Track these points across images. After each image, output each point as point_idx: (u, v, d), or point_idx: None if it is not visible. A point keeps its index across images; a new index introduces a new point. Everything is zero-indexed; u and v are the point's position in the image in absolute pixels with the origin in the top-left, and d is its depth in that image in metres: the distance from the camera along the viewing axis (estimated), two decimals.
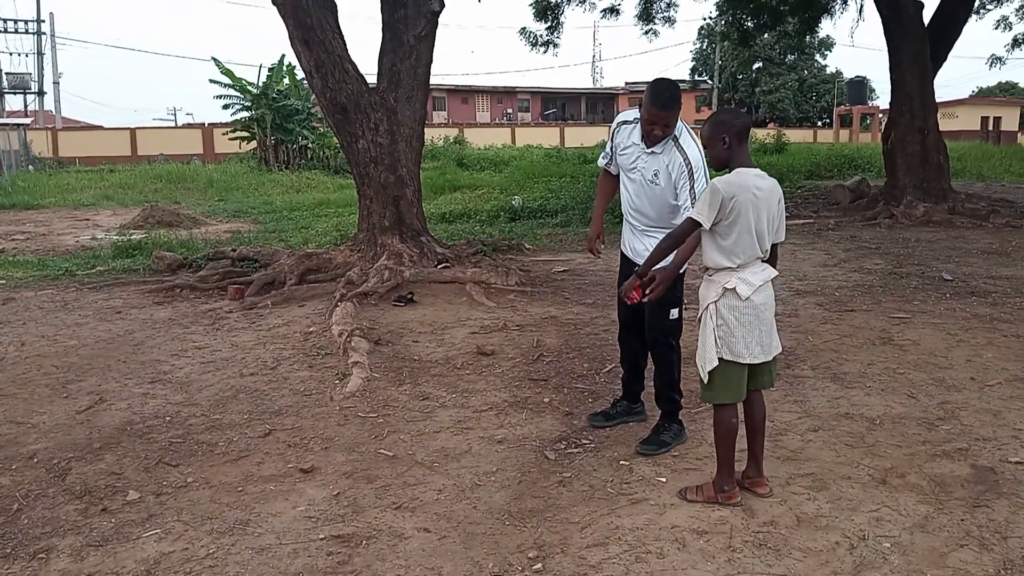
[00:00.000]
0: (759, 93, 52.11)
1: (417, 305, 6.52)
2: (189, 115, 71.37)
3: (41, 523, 3.00)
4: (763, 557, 2.66)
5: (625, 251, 3.78)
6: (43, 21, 39.72)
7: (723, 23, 18.65)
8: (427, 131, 9.93)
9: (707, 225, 2.89)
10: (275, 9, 7.37)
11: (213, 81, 25.50)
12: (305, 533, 2.89)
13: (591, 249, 3.96)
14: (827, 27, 24.01)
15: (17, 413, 4.18)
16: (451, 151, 27.21)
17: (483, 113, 52.26)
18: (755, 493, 3.08)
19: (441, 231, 10.51)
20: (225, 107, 26.13)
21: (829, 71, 54.07)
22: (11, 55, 52.63)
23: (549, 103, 55.12)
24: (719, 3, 17.22)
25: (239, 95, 25.64)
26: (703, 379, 3.02)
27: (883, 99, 43.81)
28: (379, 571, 2.64)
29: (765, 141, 27.11)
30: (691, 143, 3.44)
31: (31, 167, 26.52)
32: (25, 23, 39.73)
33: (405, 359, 5.08)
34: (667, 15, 16.53)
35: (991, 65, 19.40)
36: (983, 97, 48.59)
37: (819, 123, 51.82)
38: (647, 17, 16.43)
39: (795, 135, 37.41)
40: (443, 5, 7.84)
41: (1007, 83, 55.87)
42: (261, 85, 25.31)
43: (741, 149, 2.94)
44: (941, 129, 12.98)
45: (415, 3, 7.67)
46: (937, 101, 13.18)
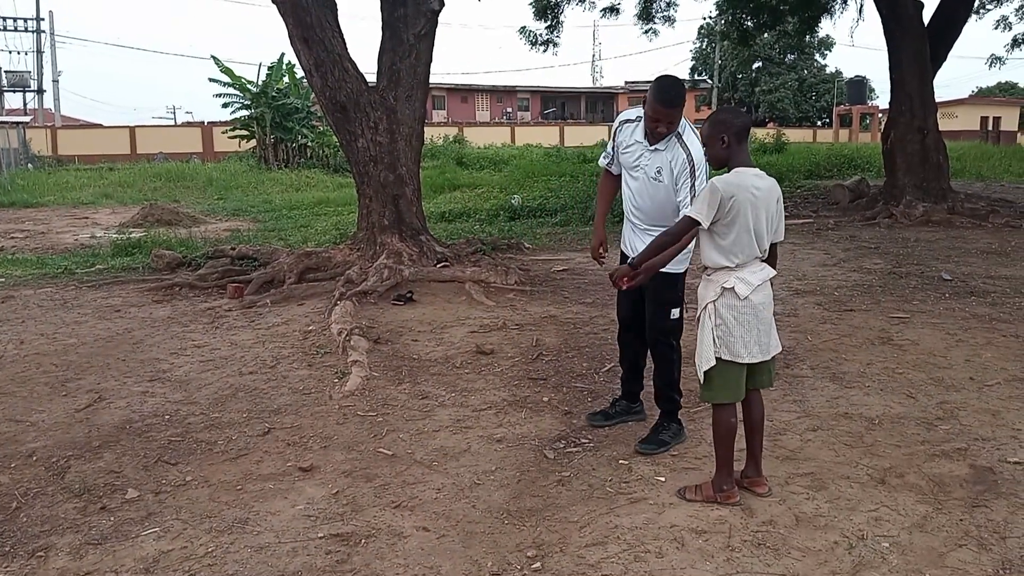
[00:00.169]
0: (759, 92, 52.13)
1: (416, 304, 6.52)
2: (188, 113, 71.35)
3: (40, 521, 3.00)
4: (762, 556, 2.66)
5: (625, 249, 3.78)
6: (42, 19, 39.75)
7: (723, 22, 18.64)
8: (427, 130, 9.93)
9: (706, 224, 2.89)
10: (275, 7, 7.36)
11: (212, 80, 25.52)
12: (304, 532, 2.89)
13: (595, 258, 3.95)
14: (827, 27, 24.07)
15: (16, 411, 4.18)
16: (451, 150, 27.19)
17: (483, 112, 52.26)
18: (754, 492, 3.08)
19: (440, 230, 10.50)
20: (224, 106, 26.16)
21: (829, 71, 54.11)
22: (10, 53, 52.75)
23: (549, 102, 55.12)
24: (719, 2, 17.21)
25: (238, 94, 25.65)
26: (701, 379, 3.02)
27: (883, 99, 43.81)
28: (378, 570, 2.64)
29: (765, 141, 27.10)
30: (694, 140, 3.45)
31: (30, 165, 26.51)
32: (24, 21, 39.72)
33: (404, 358, 5.08)
34: (667, 14, 16.52)
35: (991, 65, 19.42)
36: (983, 97, 48.60)
37: (819, 123, 51.83)
38: (647, 16, 16.43)
39: (795, 135, 37.42)
40: (443, 4, 7.83)
41: (1007, 83, 55.90)
42: (260, 84, 25.31)
43: (740, 149, 2.94)
44: (941, 129, 12.98)
45: (415, 2, 7.66)
46: (937, 101, 13.19)
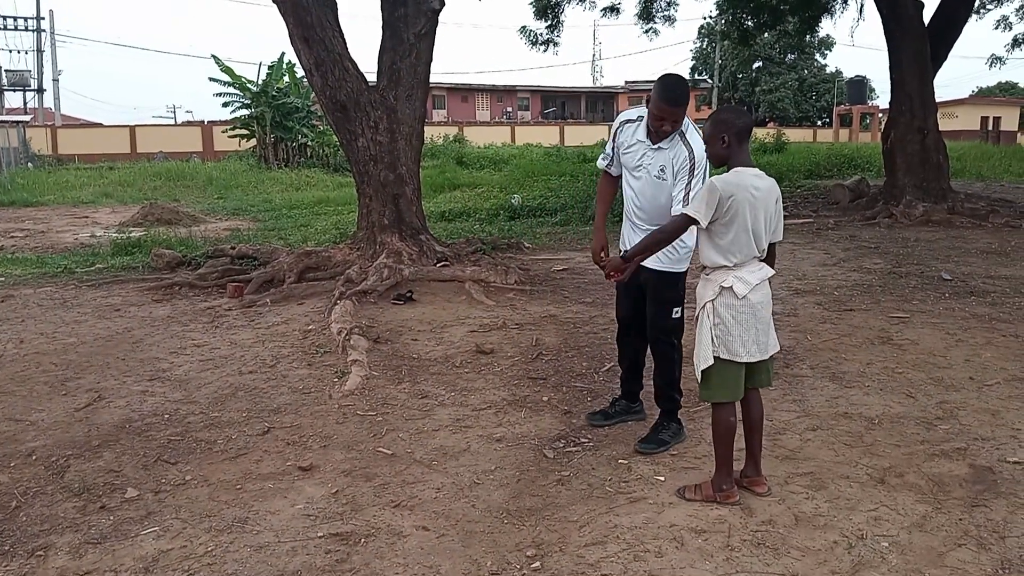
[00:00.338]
0: (759, 92, 52.13)
1: (416, 303, 6.52)
2: (189, 113, 71.26)
3: (39, 520, 3.00)
4: (761, 556, 2.66)
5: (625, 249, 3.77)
6: (43, 18, 39.74)
7: (723, 22, 18.64)
8: (427, 129, 9.92)
9: (704, 223, 2.90)
10: (275, 7, 7.36)
11: (213, 79, 25.52)
12: (304, 531, 2.89)
13: (597, 262, 3.93)
14: (827, 26, 24.02)
15: (16, 410, 4.18)
16: (451, 149, 27.19)
17: (483, 112, 52.26)
18: (753, 492, 3.08)
19: (440, 229, 10.50)
20: (225, 105, 26.16)
21: (829, 70, 54.11)
22: (11, 52, 52.73)
23: (549, 102, 55.12)
24: (719, 2, 17.21)
25: (239, 93, 25.65)
26: (699, 377, 3.03)
27: (883, 99, 43.81)
28: (378, 569, 2.64)
29: (765, 140, 27.10)
30: (697, 138, 3.46)
31: (30, 164, 26.52)
32: (25, 20, 39.71)
33: (404, 357, 5.08)
34: (667, 14, 16.52)
35: (991, 65, 19.44)
36: (983, 97, 48.59)
37: (819, 122, 51.83)
38: (647, 16, 16.43)
39: (795, 134, 37.42)
40: (443, 3, 7.83)
41: (1007, 83, 55.91)
42: (261, 83, 25.32)
43: (741, 149, 2.95)
44: (941, 129, 12.98)
45: (415, 1, 7.66)
46: (937, 101, 13.19)
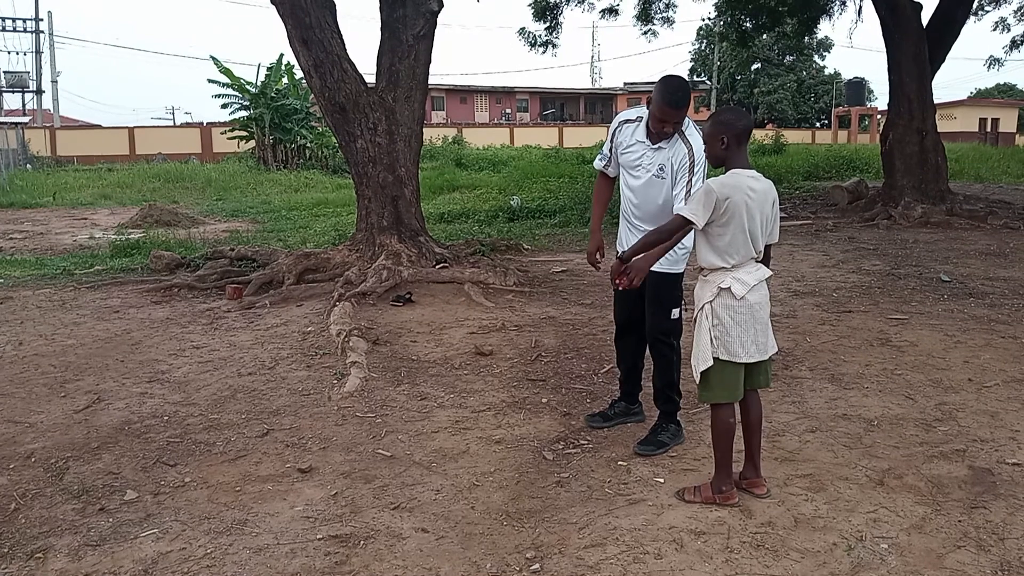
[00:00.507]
0: (757, 94, 52.19)
1: (415, 305, 6.52)
2: (187, 114, 70.98)
3: (39, 523, 2.99)
4: (761, 558, 2.66)
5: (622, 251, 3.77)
6: (41, 20, 39.75)
7: (722, 24, 18.67)
8: (425, 131, 9.92)
9: (700, 225, 2.92)
10: (274, 8, 7.37)
11: (211, 80, 25.56)
12: (303, 533, 2.89)
13: (591, 263, 3.95)
14: (826, 28, 24.16)
15: (15, 412, 4.18)
16: (450, 151, 27.23)
17: (482, 113, 52.28)
18: (753, 494, 3.08)
19: (439, 231, 10.51)
20: (223, 106, 26.20)
21: (827, 72, 54.21)
22: (9, 54, 53.13)
23: (548, 103, 55.16)
24: (718, 4, 17.25)
25: (237, 94, 25.67)
26: (697, 378, 3.04)
27: (881, 100, 43.92)
28: (377, 571, 2.64)
29: (763, 142, 27.13)
30: (696, 136, 3.47)
31: (29, 166, 26.52)
32: (24, 21, 39.71)
33: (403, 359, 5.08)
34: (666, 16, 16.56)
35: (989, 67, 19.48)
36: (981, 98, 48.69)
37: (817, 124, 51.91)
38: (646, 18, 16.45)
39: (793, 136, 37.48)
40: (442, 5, 7.84)
41: (1005, 84, 56.03)
42: (259, 84, 25.33)
43: (739, 151, 2.96)
44: (939, 130, 13.00)
45: (414, 2, 7.67)
46: (935, 102, 13.21)
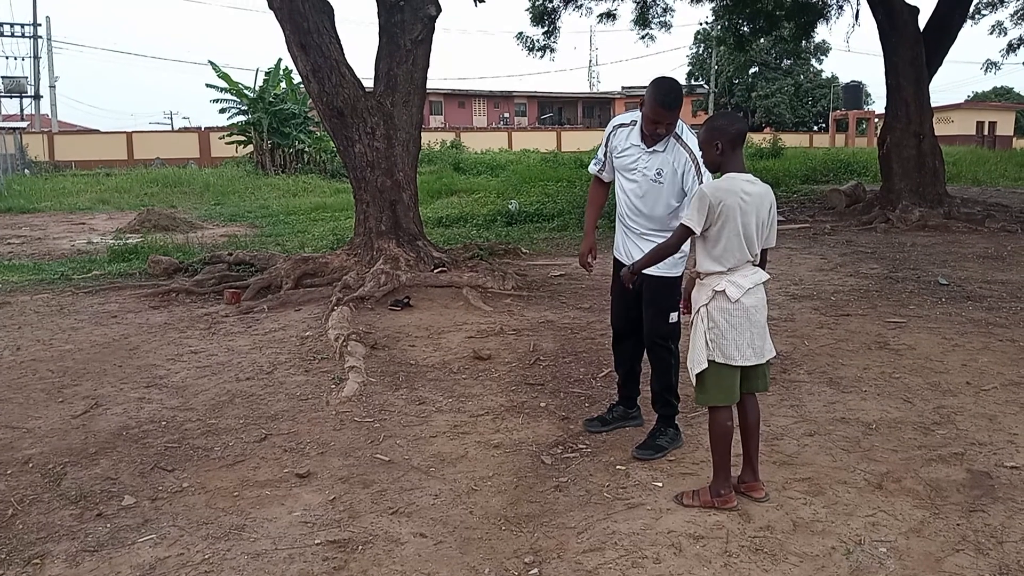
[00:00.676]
0: (755, 98, 52.30)
1: (413, 309, 6.52)
2: (186, 119, 71.16)
3: (36, 528, 2.99)
4: (759, 562, 2.66)
5: (619, 256, 3.77)
6: (39, 25, 39.71)
7: (719, 28, 18.75)
8: (424, 135, 9.93)
9: (698, 231, 2.94)
10: (272, 13, 7.38)
11: (210, 85, 25.57)
12: (301, 538, 2.88)
13: (583, 264, 3.95)
14: (823, 32, 24.23)
15: (12, 417, 4.17)
16: (448, 155, 27.26)
17: (480, 117, 52.36)
18: (751, 498, 3.08)
19: (438, 235, 10.51)
20: (222, 111, 26.22)
21: (825, 76, 54.33)
22: (7, 59, 52.78)
23: (546, 107, 55.26)
24: (715, 8, 17.29)
25: (236, 99, 25.69)
26: (693, 381, 3.04)
27: (879, 104, 43.95)
28: None
29: (761, 146, 27.17)
30: (692, 139, 3.47)
31: (27, 171, 26.51)
32: (22, 27, 39.73)
33: (401, 363, 5.07)
34: (663, 20, 16.61)
35: (986, 70, 19.53)
36: (978, 102, 48.78)
37: (815, 128, 52.02)
38: (643, 22, 16.49)
39: (791, 140, 37.54)
40: (439, 9, 7.85)
41: (1002, 88, 56.19)
42: (258, 89, 25.36)
43: (734, 155, 2.97)
44: (936, 134, 13.04)
45: (412, 7, 7.68)
46: (932, 106, 13.25)
